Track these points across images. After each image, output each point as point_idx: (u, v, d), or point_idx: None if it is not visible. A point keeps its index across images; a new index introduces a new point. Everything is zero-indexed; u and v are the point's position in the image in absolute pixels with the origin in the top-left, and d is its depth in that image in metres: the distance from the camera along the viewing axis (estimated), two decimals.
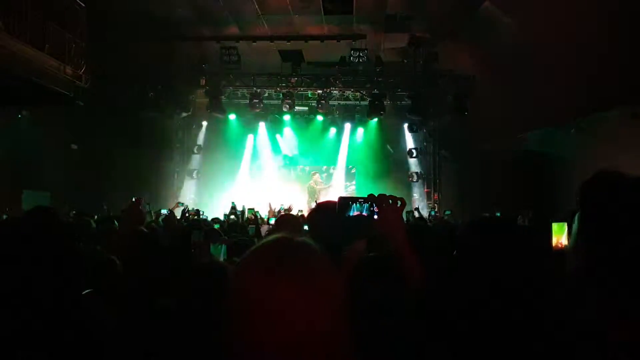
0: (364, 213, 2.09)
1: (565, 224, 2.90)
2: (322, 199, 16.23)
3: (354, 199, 2.12)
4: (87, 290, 2.19)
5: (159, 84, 15.28)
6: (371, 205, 2.07)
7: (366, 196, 2.09)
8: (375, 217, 2.04)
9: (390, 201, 2.02)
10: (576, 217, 1.53)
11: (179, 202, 12.24)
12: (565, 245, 2.92)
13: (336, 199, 2.19)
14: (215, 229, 4.79)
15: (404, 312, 1.95)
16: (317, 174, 17.74)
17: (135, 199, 8.52)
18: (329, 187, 18.05)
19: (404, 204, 2.05)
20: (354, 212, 2.12)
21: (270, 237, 1.11)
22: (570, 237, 1.55)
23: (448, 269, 2.13)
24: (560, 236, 2.97)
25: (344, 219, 2.11)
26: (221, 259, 3.18)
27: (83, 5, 10.32)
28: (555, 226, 3.00)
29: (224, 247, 3.17)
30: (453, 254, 2.66)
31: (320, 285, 1.01)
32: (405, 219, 12.24)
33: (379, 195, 2.05)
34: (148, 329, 2.41)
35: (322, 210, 2.78)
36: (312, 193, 17.35)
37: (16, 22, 8.54)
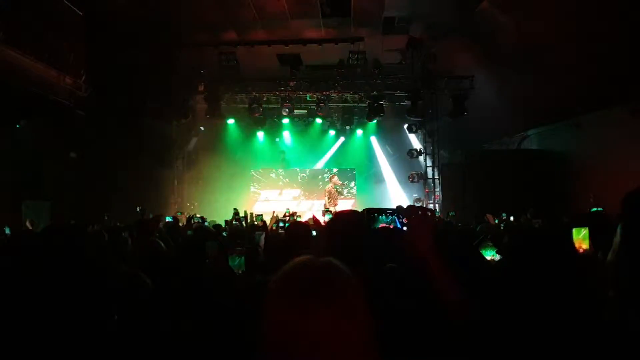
0: (392, 225, 2.05)
1: (586, 228, 2.87)
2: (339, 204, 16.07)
3: (380, 211, 2.08)
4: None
5: (157, 90, 15.22)
6: (399, 217, 2.03)
7: (394, 207, 2.05)
8: (404, 228, 1.97)
9: (420, 212, 1.95)
10: (618, 228, 1.50)
11: (178, 212, 12.17)
12: (586, 250, 2.89)
13: (349, 207, 2.16)
14: (231, 238, 4.72)
15: (435, 329, 1.90)
16: (336, 177, 17.19)
17: (139, 209, 8.49)
18: (345, 192, 17.67)
19: (433, 215, 1.99)
20: (380, 225, 2.08)
21: (297, 261, 1.11)
22: (612, 248, 1.53)
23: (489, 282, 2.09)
24: (580, 241, 2.94)
25: (371, 231, 2.07)
26: (240, 270, 3.13)
27: (81, 13, 10.28)
28: (575, 231, 2.97)
29: (242, 258, 3.10)
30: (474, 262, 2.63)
31: (351, 308, 1.02)
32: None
33: (408, 206, 1.99)
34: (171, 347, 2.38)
35: (341, 221, 2.73)
36: (331, 197, 16.89)
37: (15, 33, 8.51)
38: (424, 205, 15.88)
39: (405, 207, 2.03)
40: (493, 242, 3.41)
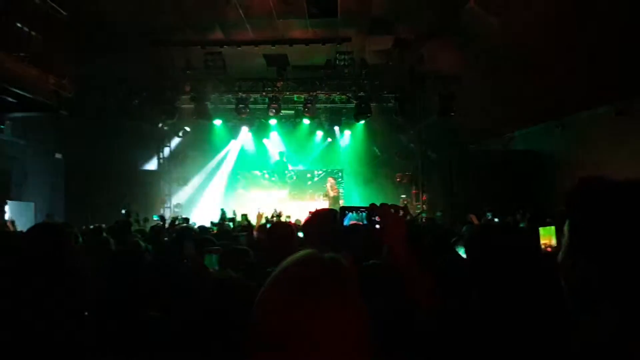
0: (362, 222, 2.03)
1: (553, 227, 2.89)
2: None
3: (353, 208, 2.06)
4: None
5: (143, 91, 15.13)
6: (370, 215, 2.01)
7: (367, 205, 2.03)
8: (377, 226, 1.97)
9: (393, 210, 1.96)
10: (566, 227, 1.47)
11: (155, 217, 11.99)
12: (554, 248, 2.91)
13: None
14: (207, 238, 4.70)
15: (409, 324, 1.90)
16: (332, 179, 17.32)
17: (124, 211, 8.45)
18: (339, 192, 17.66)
19: (406, 214, 1.99)
20: (350, 221, 2.06)
21: (300, 254, 1.09)
22: (562, 246, 1.50)
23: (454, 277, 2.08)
24: (548, 239, 2.97)
25: (340, 228, 2.05)
26: (213, 269, 3.11)
27: (64, 13, 10.19)
28: (542, 230, 3.01)
29: (215, 256, 3.08)
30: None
31: (353, 303, 1.02)
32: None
33: (381, 204, 1.99)
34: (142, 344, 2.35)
35: (318, 219, 2.73)
36: (333, 199, 16.94)
37: None
38: (412, 205, 15.94)
39: (378, 205, 2.00)
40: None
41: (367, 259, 2.22)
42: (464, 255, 3.46)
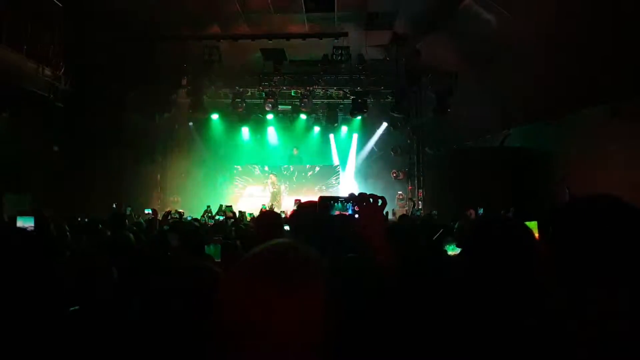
0: (347, 212, 2.05)
1: (536, 222, 2.93)
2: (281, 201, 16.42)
3: (335, 199, 2.08)
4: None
5: (139, 84, 15.10)
6: (353, 204, 2.04)
7: (347, 195, 2.05)
8: (356, 216, 1.99)
9: (371, 200, 1.98)
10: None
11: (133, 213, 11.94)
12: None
13: (316, 199, 2.14)
14: (193, 231, 4.73)
15: (383, 311, 1.92)
16: (274, 176, 17.97)
17: (115, 205, 8.45)
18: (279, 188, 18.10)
19: (384, 203, 2.01)
20: (335, 212, 2.09)
21: (262, 246, 1.09)
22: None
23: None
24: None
25: (327, 218, 2.08)
26: (217, 259, 3.14)
27: (60, 5, 10.18)
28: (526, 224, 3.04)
29: (218, 247, 3.12)
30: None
31: (312, 292, 1.01)
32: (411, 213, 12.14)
33: (359, 194, 2.01)
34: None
35: (304, 210, 2.74)
36: (273, 196, 17.51)
37: None
38: (410, 200, 15.99)
39: (357, 194, 2.03)
40: (455, 237, 3.45)
41: (352, 251, 2.24)
42: (451, 253, 3.49)
